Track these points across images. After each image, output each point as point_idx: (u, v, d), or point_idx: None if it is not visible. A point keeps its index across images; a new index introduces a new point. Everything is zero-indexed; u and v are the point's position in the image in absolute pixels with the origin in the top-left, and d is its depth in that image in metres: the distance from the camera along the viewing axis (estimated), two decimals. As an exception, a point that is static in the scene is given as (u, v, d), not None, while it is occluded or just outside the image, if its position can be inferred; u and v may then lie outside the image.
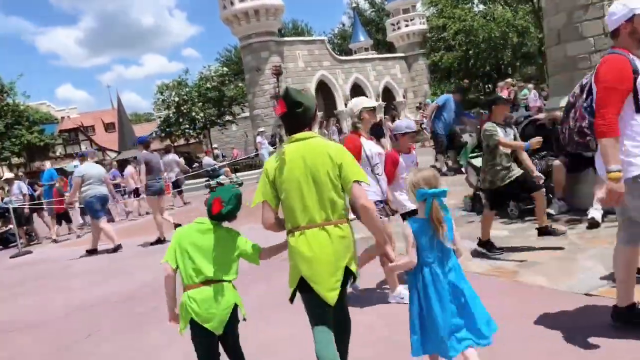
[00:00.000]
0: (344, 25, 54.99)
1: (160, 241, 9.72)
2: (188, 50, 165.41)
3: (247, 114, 37.32)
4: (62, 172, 16.65)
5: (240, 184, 17.51)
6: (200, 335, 2.96)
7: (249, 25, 25.55)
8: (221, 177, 19.95)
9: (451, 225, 2.89)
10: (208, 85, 31.29)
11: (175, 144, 36.12)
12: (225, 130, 36.95)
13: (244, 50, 26.86)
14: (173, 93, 31.37)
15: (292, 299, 2.98)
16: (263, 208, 2.99)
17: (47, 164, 52.60)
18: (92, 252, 9.95)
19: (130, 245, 10.23)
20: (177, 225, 9.50)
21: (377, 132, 15.15)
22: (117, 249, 9.76)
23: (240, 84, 32.21)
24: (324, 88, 30.31)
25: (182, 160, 18.43)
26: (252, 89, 26.51)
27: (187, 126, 31.64)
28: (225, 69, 33.70)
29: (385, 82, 32.72)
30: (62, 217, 13.73)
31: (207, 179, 20.08)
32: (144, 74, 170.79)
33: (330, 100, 30.57)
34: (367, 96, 31.22)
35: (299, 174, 2.88)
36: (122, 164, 46.74)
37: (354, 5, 50.43)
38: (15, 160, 45.31)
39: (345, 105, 29.97)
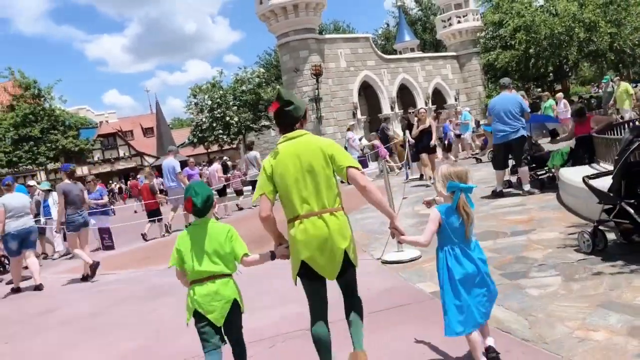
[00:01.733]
0: (388, 25, 52.56)
1: (85, 278, 8.87)
2: (230, 57, 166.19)
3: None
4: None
5: None
6: (203, 324, 3.23)
7: (287, 22, 23.41)
8: None
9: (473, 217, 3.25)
10: (244, 88, 29.16)
11: (209, 150, 34.23)
12: (262, 136, 34.92)
13: (282, 49, 24.75)
14: (206, 96, 29.41)
15: (295, 282, 3.34)
16: (261, 201, 3.25)
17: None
18: (16, 290, 8.98)
19: (137, 279, 8.31)
20: (93, 266, 8.81)
21: (426, 143, 12.35)
22: (16, 290, 8.87)
23: (278, 86, 30.11)
24: (368, 90, 27.94)
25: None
26: (290, 91, 24.32)
27: (221, 131, 29.58)
28: (262, 70, 31.51)
29: (435, 83, 30.07)
30: (154, 214, 13.22)
31: None
32: (187, 79, 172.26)
33: (375, 103, 28.15)
34: (415, 99, 28.82)
35: (295, 168, 3.17)
36: (160, 170, 45.71)
37: (399, 3, 47.88)
38: (51, 165, 44.62)
39: (392, 108, 27.53)
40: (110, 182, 48.76)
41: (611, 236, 5.59)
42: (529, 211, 7.97)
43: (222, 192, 15.96)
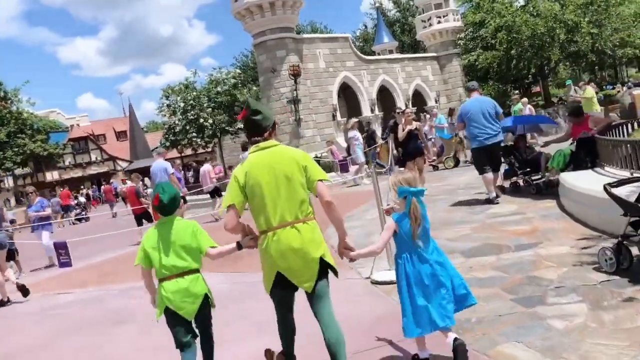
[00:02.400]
0: (366, 27, 51.91)
1: (3, 303, 8.04)
2: (206, 60, 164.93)
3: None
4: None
5: None
6: (175, 321, 3.30)
7: (264, 20, 22.53)
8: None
9: (427, 219, 3.37)
10: (218, 89, 28.04)
11: (183, 154, 33.05)
12: (238, 139, 33.79)
13: (258, 49, 23.85)
14: (179, 98, 28.22)
15: (269, 291, 3.31)
16: (228, 211, 3.20)
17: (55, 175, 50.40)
18: None
19: (95, 300, 7.36)
20: (21, 288, 8.09)
21: (413, 148, 11.06)
22: None
23: (254, 88, 29.14)
24: (347, 91, 27.19)
25: None
26: (267, 93, 23.48)
27: (195, 134, 28.40)
28: (237, 71, 30.36)
29: (415, 84, 29.46)
30: (141, 218, 12.49)
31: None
32: (163, 82, 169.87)
33: (355, 105, 27.42)
34: (395, 100, 28.21)
35: (269, 178, 3.15)
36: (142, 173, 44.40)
37: (377, 4, 47.32)
38: (19, 171, 43.03)
39: (372, 110, 26.85)
40: (82, 187, 47.24)
41: (634, 251, 4.85)
42: (530, 221, 7.23)
43: (214, 193, 15.20)
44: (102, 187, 36.09)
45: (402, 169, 11.59)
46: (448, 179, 13.19)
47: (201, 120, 27.68)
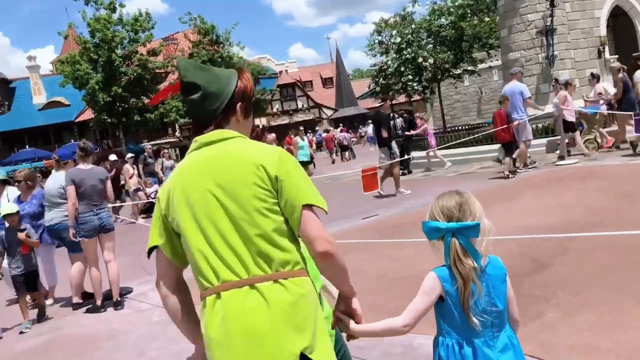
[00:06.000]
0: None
1: (97, 308, 5.97)
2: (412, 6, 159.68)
3: (491, 62, 28.43)
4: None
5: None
6: None
7: None
8: None
9: (504, 282, 1.82)
10: (442, 20, 22.75)
11: (394, 101, 28.60)
12: (460, 85, 28.34)
13: (500, -37, 18.21)
14: (394, 32, 23.58)
15: None
16: (156, 257, 1.80)
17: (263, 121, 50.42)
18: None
19: None
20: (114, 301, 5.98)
21: None
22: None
23: (487, 18, 23.31)
24: (618, 19, 20.13)
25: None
26: (508, 22, 17.85)
27: (411, 77, 23.61)
28: (467, -3, 24.54)
29: None
30: (508, 147, 11.23)
31: None
32: (368, 31, 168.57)
33: (628, 38, 20.28)
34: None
35: (205, 200, 1.67)
36: (337, 123, 42.28)
37: None
38: (230, 116, 43.26)
39: (654, 45, 19.60)
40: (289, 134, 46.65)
41: None
42: None
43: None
44: (323, 135, 38.18)
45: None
46: None
47: (419, 59, 22.81)
